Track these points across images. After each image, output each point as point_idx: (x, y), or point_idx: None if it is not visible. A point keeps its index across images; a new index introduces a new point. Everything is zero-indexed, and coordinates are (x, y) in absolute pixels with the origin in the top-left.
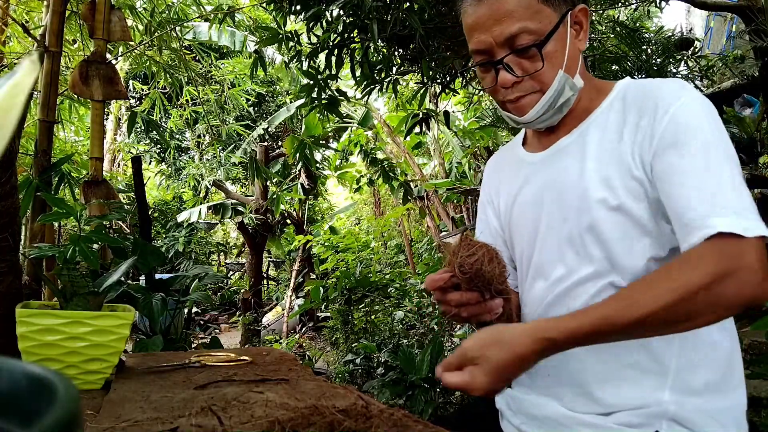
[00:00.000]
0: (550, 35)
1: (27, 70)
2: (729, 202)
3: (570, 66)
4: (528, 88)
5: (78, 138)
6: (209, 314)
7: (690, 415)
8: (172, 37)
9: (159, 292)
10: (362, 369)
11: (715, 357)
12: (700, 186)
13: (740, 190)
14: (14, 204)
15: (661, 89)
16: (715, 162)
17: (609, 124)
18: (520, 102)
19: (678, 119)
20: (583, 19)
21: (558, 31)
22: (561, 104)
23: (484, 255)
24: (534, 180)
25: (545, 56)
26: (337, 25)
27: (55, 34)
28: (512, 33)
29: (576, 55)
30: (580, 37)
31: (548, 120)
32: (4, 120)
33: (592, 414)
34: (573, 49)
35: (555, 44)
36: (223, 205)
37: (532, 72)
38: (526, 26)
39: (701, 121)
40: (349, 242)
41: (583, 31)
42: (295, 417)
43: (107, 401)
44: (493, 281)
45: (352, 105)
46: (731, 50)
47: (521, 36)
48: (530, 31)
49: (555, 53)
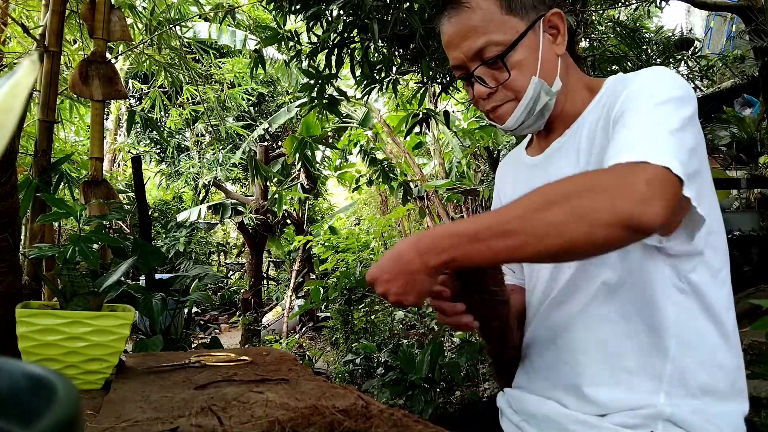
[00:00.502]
0: (514, 45)
1: (27, 70)
2: (645, 143)
3: (546, 71)
4: (503, 98)
5: (78, 138)
6: (209, 314)
7: (686, 416)
8: (172, 35)
9: (159, 292)
10: (362, 369)
11: (711, 357)
12: (621, 139)
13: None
14: (14, 204)
15: (633, 75)
16: (646, 117)
17: (596, 120)
18: (497, 111)
19: (632, 85)
20: (559, 22)
21: (526, 39)
22: (540, 110)
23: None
24: (534, 182)
25: (514, 65)
26: (337, 24)
27: (55, 33)
28: (479, 47)
29: (552, 60)
30: (558, 41)
31: (532, 126)
32: (4, 120)
33: (589, 414)
34: (548, 53)
35: (524, 52)
36: (223, 205)
37: (502, 82)
38: (492, 39)
39: (651, 79)
40: (350, 242)
41: (560, 34)
42: (295, 417)
43: (107, 401)
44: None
45: (352, 105)
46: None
47: (488, 48)
48: (496, 43)
49: (524, 61)
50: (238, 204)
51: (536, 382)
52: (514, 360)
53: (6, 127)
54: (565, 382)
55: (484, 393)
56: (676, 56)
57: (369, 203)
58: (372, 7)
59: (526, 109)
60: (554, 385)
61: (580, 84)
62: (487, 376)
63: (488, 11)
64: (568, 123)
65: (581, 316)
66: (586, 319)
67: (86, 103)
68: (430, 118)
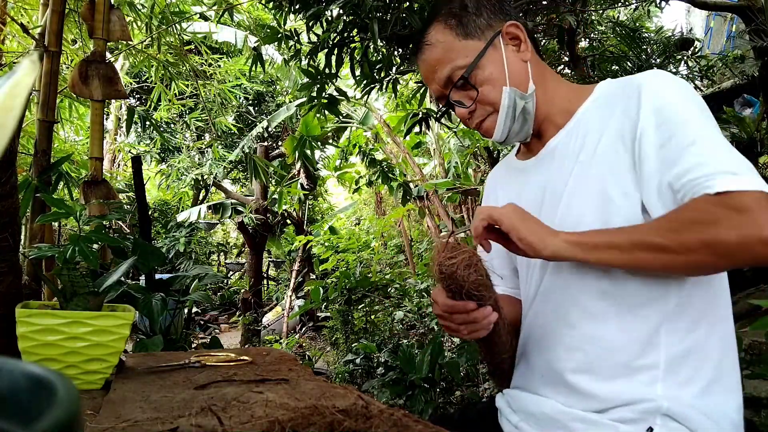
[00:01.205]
0: (474, 64)
1: (27, 69)
2: (727, 163)
3: (517, 79)
4: (483, 113)
5: (77, 137)
6: (209, 314)
7: (684, 410)
8: (171, 33)
9: (159, 292)
10: (362, 369)
11: (704, 352)
12: (694, 157)
13: (732, 152)
14: (14, 204)
15: (638, 78)
16: (702, 130)
17: (594, 119)
18: (483, 126)
19: (658, 102)
20: (518, 32)
21: (487, 56)
22: (521, 113)
23: (462, 260)
24: (530, 184)
25: (483, 81)
26: (337, 24)
27: (55, 33)
28: (446, 75)
29: (520, 67)
30: (522, 48)
31: (520, 133)
32: (4, 120)
33: (588, 411)
34: (515, 62)
35: (489, 67)
36: (223, 205)
37: (476, 98)
38: (456, 65)
39: (678, 96)
40: (350, 243)
41: (522, 42)
42: (295, 417)
43: (107, 401)
44: (465, 285)
45: (352, 105)
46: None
47: (455, 74)
48: (460, 67)
49: (491, 75)
50: (238, 204)
51: (533, 381)
52: (506, 365)
53: (6, 126)
54: (562, 380)
55: (484, 393)
56: (676, 56)
57: (369, 203)
58: (372, 6)
59: (507, 118)
60: (551, 383)
61: (562, 86)
62: (486, 376)
63: (446, 42)
64: (559, 124)
65: (576, 313)
66: (581, 316)
67: (85, 103)
68: (429, 117)
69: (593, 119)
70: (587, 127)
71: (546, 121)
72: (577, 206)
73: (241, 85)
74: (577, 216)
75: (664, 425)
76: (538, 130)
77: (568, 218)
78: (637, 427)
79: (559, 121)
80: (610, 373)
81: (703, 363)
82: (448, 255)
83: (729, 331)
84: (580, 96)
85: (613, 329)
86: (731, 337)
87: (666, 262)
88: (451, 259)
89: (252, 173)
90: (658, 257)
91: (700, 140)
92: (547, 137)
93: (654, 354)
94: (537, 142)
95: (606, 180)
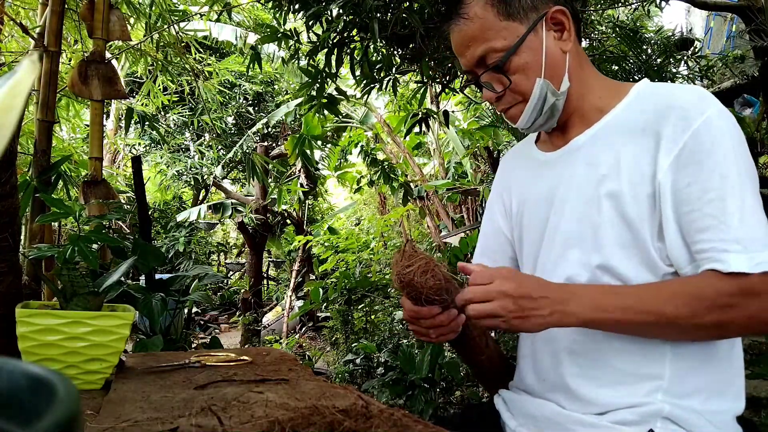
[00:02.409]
0: (514, 50)
1: (27, 69)
2: (743, 234)
3: (552, 70)
4: (511, 100)
5: (75, 135)
6: (209, 314)
7: (684, 414)
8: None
9: (159, 292)
10: (362, 369)
11: (711, 364)
12: (715, 213)
13: (756, 218)
14: (14, 204)
15: (682, 99)
16: (734, 188)
17: (625, 129)
18: (508, 113)
19: (700, 137)
20: (563, 18)
21: (527, 42)
22: (549, 109)
23: (419, 267)
24: (545, 179)
25: (517, 69)
26: (337, 24)
27: (54, 33)
28: (479, 55)
29: (559, 58)
30: (564, 37)
31: (545, 124)
32: (4, 120)
33: (588, 414)
34: (554, 53)
35: (526, 55)
36: (223, 205)
37: (507, 86)
38: (491, 46)
39: (724, 140)
40: (350, 243)
41: (566, 30)
42: (295, 417)
43: (107, 401)
44: (424, 291)
45: (352, 104)
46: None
47: (489, 56)
48: (496, 50)
49: (527, 64)
50: (238, 204)
51: (534, 383)
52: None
53: (6, 126)
54: (563, 384)
55: (484, 393)
56: (676, 56)
57: (369, 203)
58: (372, 6)
59: (534, 110)
60: (553, 387)
61: (597, 80)
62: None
63: (486, 20)
64: (588, 120)
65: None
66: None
67: (83, 102)
68: (429, 117)
69: (623, 127)
70: (616, 135)
71: (574, 116)
72: (588, 220)
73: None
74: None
75: (664, 427)
76: (564, 123)
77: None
78: (638, 429)
79: (588, 117)
80: (613, 380)
81: (709, 375)
82: (406, 263)
83: (737, 339)
84: (615, 95)
85: (620, 336)
86: (738, 345)
87: (672, 334)
88: (408, 267)
89: (250, 172)
90: (667, 329)
91: (729, 197)
92: (572, 133)
93: (660, 361)
94: (560, 136)
95: (625, 201)
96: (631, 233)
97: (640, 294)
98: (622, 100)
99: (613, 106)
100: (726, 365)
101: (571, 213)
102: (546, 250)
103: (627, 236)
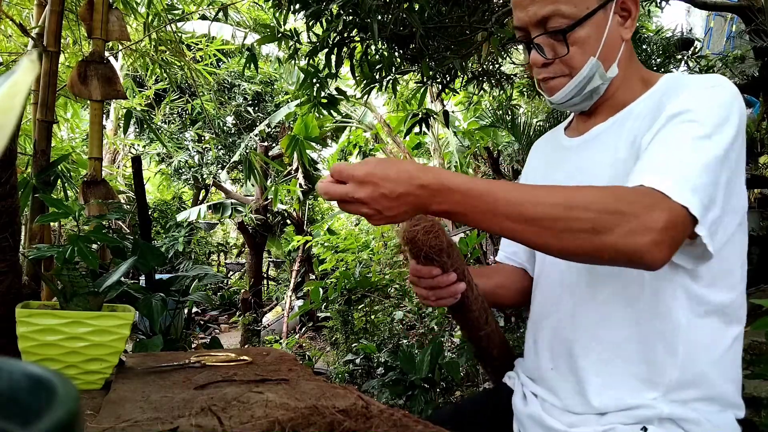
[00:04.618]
0: (581, 21)
1: (26, 69)
2: (677, 177)
3: (607, 54)
4: (557, 71)
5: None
6: (209, 314)
7: (685, 413)
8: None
9: (159, 292)
10: (362, 369)
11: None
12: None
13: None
14: (14, 204)
15: (695, 78)
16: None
17: (643, 115)
18: (549, 83)
19: (690, 95)
20: (632, 6)
21: (595, 17)
22: (590, 91)
23: (423, 227)
24: (566, 164)
25: (576, 41)
26: (337, 24)
27: (53, 33)
28: (544, 15)
29: (616, 44)
30: (627, 25)
31: (579, 104)
32: (4, 120)
33: (586, 414)
34: (613, 37)
35: (589, 30)
36: (223, 205)
37: (560, 56)
38: (560, 9)
39: (715, 100)
40: (349, 243)
41: (630, 19)
42: (295, 417)
43: (107, 401)
44: (424, 249)
45: (352, 104)
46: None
47: (554, 18)
48: (563, 15)
49: (587, 39)
50: (238, 204)
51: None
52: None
53: (6, 127)
54: (570, 378)
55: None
56: (676, 56)
57: None
58: (372, 6)
59: (575, 88)
60: (559, 377)
61: (638, 75)
62: (486, 376)
63: None
64: (614, 111)
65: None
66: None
67: (82, 101)
68: (429, 118)
69: (642, 114)
70: (635, 121)
71: (604, 104)
72: None
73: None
74: None
75: (661, 426)
76: (594, 110)
77: None
78: (638, 429)
79: (615, 108)
80: (618, 385)
81: (709, 375)
82: (413, 223)
83: (739, 341)
84: (644, 87)
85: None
86: (739, 345)
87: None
88: (414, 227)
89: (248, 172)
90: (535, 221)
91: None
92: (597, 120)
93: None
94: (585, 122)
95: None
96: None
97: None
98: (647, 91)
99: (638, 96)
100: (726, 366)
101: None
102: None
103: None
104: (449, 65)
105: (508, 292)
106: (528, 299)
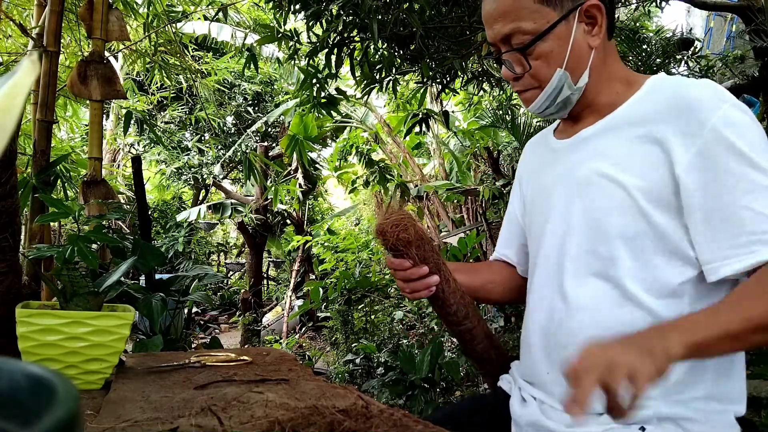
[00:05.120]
0: (541, 36)
1: (27, 70)
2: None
3: (574, 64)
4: (527, 84)
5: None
6: (209, 314)
7: (684, 414)
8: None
9: (159, 292)
10: (362, 369)
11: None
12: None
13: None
14: (14, 204)
15: (697, 93)
16: (757, 183)
17: (635, 121)
18: (522, 95)
19: (720, 131)
20: (597, 13)
21: (556, 31)
22: (562, 101)
23: (392, 221)
24: (553, 167)
25: (540, 55)
26: (337, 24)
27: (53, 34)
28: (506, 33)
29: (584, 52)
30: (594, 32)
31: (556, 113)
32: (4, 120)
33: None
34: (580, 46)
35: (552, 43)
36: (223, 205)
37: (527, 71)
38: (520, 27)
39: (746, 131)
40: (349, 243)
41: (597, 26)
42: (295, 417)
43: (107, 401)
44: (391, 241)
45: (352, 104)
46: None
47: (515, 36)
48: (524, 32)
49: (550, 53)
50: (238, 204)
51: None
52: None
53: (6, 127)
54: (565, 384)
55: (484, 393)
56: (676, 56)
57: (369, 204)
58: (372, 6)
59: (548, 99)
60: (557, 380)
61: (618, 76)
62: None
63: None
64: (600, 114)
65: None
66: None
67: (81, 101)
68: (429, 118)
69: (633, 120)
70: (625, 127)
71: (588, 109)
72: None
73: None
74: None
75: (659, 426)
76: (577, 114)
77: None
78: (632, 428)
79: (600, 111)
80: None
81: (710, 375)
82: (385, 217)
83: None
84: (629, 90)
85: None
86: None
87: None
88: (385, 220)
89: (248, 172)
90: (759, 332)
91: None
92: (583, 124)
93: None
94: (572, 126)
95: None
96: (639, 225)
97: (719, 309)
98: (634, 94)
99: (625, 99)
100: (727, 365)
101: (574, 204)
102: (548, 238)
103: (633, 226)
104: (449, 65)
105: (497, 287)
106: (519, 296)
